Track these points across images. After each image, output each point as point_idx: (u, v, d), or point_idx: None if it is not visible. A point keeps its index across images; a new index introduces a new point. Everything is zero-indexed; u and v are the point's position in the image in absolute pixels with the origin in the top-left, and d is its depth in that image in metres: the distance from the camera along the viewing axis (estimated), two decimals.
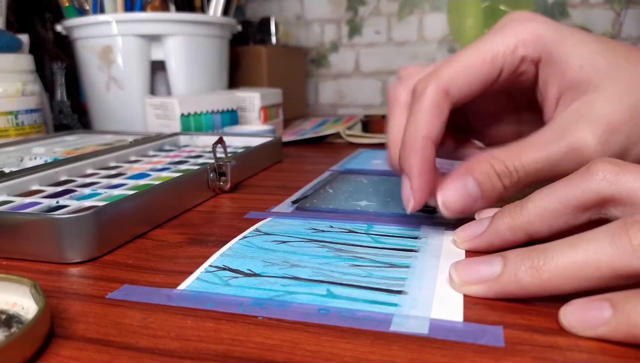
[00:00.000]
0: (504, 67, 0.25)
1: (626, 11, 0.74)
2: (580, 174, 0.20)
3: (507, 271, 0.19)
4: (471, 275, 0.19)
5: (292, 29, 1.02)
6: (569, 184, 0.20)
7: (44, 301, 0.17)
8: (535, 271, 0.18)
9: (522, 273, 0.18)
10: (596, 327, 0.16)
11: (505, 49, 0.25)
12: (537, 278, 0.18)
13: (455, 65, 0.25)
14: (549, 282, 0.18)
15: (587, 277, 0.17)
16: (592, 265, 0.17)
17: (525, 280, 0.18)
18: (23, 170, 0.33)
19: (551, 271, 0.18)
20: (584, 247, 0.17)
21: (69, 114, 0.72)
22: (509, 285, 0.18)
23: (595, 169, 0.19)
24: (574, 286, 0.17)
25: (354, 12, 0.99)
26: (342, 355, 0.16)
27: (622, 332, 0.16)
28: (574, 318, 0.17)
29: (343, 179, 0.40)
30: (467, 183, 0.24)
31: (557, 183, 0.21)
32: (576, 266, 0.17)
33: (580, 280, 0.17)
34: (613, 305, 0.16)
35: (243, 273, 0.22)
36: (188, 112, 0.55)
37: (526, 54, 0.25)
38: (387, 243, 0.25)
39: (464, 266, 0.20)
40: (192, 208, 0.33)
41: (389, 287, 0.20)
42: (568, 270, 0.17)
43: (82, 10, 0.64)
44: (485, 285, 0.19)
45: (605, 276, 0.17)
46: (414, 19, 0.96)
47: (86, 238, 0.24)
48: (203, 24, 0.63)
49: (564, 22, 0.87)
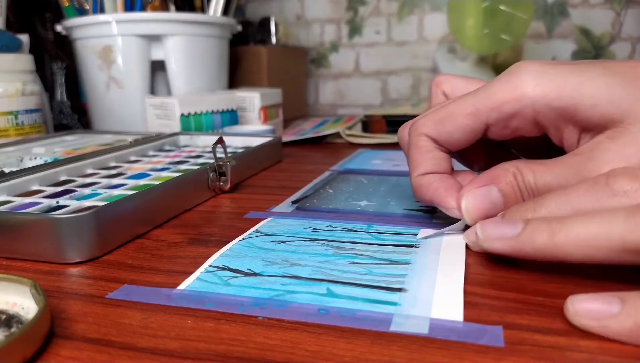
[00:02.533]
0: (489, 121, 0.25)
1: (626, 11, 0.74)
2: (600, 186, 0.20)
3: (525, 231, 0.20)
4: (494, 232, 0.21)
5: (292, 29, 1.02)
6: (587, 195, 0.20)
7: (44, 301, 0.17)
8: (550, 234, 0.19)
9: (538, 235, 0.19)
10: (603, 318, 0.16)
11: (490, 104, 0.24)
12: (551, 241, 0.19)
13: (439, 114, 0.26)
14: (562, 247, 0.19)
15: (598, 246, 0.18)
16: (604, 236, 0.18)
17: (539, 242, 0.19)
18: (23, 170, 0.33)
19: (565, 237, 0.19)
20: (599, 219, 0.18)
21: (69, 114, 0.72)
22: (525, 244, 0.20)
23: (614, 182, 0.19)
24: (585, 254, 0.18)
25: (354, 12, 0.99)
26: (342, 355, 0.16)
27: (628, 326, 0.16)
28: (582, 307, 0.17)
29: (343, 179, 0.40)
30: (491, 192, 0.24)
31: (576, 189, 0.20)
32: (590, 235, 0.18)
33: (591, 249, 0.18)
34: (623, 300, 0.16)
35: (243, 272, 0.22)
36: (188, 112, 0.55)
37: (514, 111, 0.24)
38: (386, 240, 0.25)
39: (490, 224, 0.22)
40: (192, 208, 0.33)
41: (389, 285, 0.20)
42: (581, 237, 0.18)
43: (82, 10, 0.64)
44: (504, 241, 0.21)
45: (615, 248, 0.18)
46: (414, 19, 0.96)
47: (86, 238, 0.24)
48: (203, 24, 0.63)
49: (564, 22, 0.87)
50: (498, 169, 0.24)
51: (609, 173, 0.20)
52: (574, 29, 0.88)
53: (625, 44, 0.86)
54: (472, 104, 0.25)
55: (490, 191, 0.24)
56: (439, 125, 0.26)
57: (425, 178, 0.26)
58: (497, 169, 0.25)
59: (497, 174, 0.24)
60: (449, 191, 0.25)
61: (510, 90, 0.24)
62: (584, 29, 0.87)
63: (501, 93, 0.24)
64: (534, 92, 0.23)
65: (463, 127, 0.25)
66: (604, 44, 0.87)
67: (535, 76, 0.23)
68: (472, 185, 0.25)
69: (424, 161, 0.26)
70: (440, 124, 0.26)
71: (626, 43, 0.86)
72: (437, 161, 0.26)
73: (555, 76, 0.23)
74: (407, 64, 0.98)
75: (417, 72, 0.97)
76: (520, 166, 0.24)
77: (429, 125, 0.26)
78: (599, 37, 0.87)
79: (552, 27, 0.88)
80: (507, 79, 0.24)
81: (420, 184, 0.26)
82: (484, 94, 0.25)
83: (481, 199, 0.24)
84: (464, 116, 0.25)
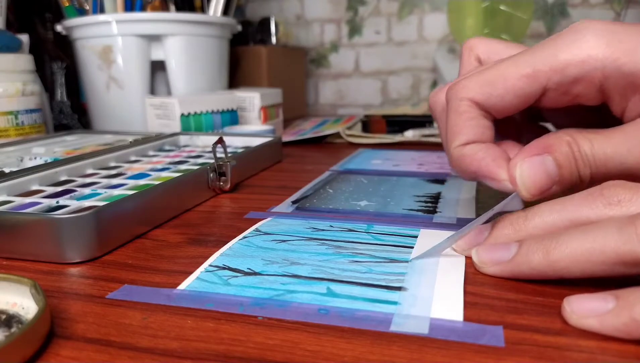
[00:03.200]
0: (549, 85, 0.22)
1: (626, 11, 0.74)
2: (594, 197, 0.19)
3: (520, 252, 0.20)
4: (489, 257, 0.21)
5: (292, 29, 1.02)
6: (582, 204, 0.20)
7: (44, 301, 0.17)
8: (545, 252, 0.19)
9: (533, 255, 0.19)
10: (598, 314, 0.17)
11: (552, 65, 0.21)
12: (546, 259, 0.19)
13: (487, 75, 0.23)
14: (557, 263, 0.19)
15: (594, 260, 0.18)
16: (599, 249, 0.18)
17: (535, 261, 0.19)
18: (23, 170, 0.33)
19: (560, 254, 0.19)
20: (594, 234, 0.18)
21: (69, 114, 0.72)
22: (521, 265, 0.20)
23: (609, 193, 0.19)
24: (581, 269, 0.18)
25: (354, 12, 0.99)
26: (342, 355, 0.16)
27: (623, 319, 0.16)
28: (578, 305, 0.17)
29: (343, 179, 0.40)
30: (546, 162, 0.21)
31: (570, 199, 0.20)
32: (584, 249, 0.18)
33: (587, 263, 0.18)
34: (617, 297, 0.17)
35: (243, 272, 0.22)
36: (188, 112, 0.55)
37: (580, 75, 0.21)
38: (386, 240, 0.25)
39: (484, 250, 0.21)
40: (192, 208, 0.33)
41: (389, 283, 0.20)
42: (576, 253, 0.18)
43: (82, 10, 0.64)
44: (501, 266, 0.20)
45: (610, 261, 0.18)
46: (414, 19, 0.96)
47: (86, 238, 0.24)
48: (203, 24, 0.63)
49: (564, 22, 0.87)
50: (551, 138, 0.22)
51: (603, 184, 0.20)
52: None
53: None
54: (530, 64, 0.22)
55: (545, 161, 0.21)
56: (487, 87, 0.22)
57: (467, 147, 0.23)
58: (548, 137, 0.22)
59: (550, 143, 0.21)
60: (497, 161, 0.22)
61: (576, 50, 0.21)
62: None
63: (565, 53, 0.21)
64: (604, 54, 0.20)
65: (516, 90, 0.22)
66: None
67: (605, 35, 0.21)
68: (523, 154, 0.22)
69: (466, 129, 0.23)
70: (489, 87, 0.22)
71: None
72: (481, 130, 0.23)
73: (626, 37, 0.20)
74: (407, 64, 0.98)
75: (417, 72, 0.97)
76: (575, 134, 0.21)
77: (474, 88, 0.23)
78: None
79: (552, 27, 0.88)
80: (573, 37, 0.21)
81: (462, 155, 0.23)
82: (544, 53, 0.21)
83: (537, 168, 0.21)
84: (519, 77, 0.22)
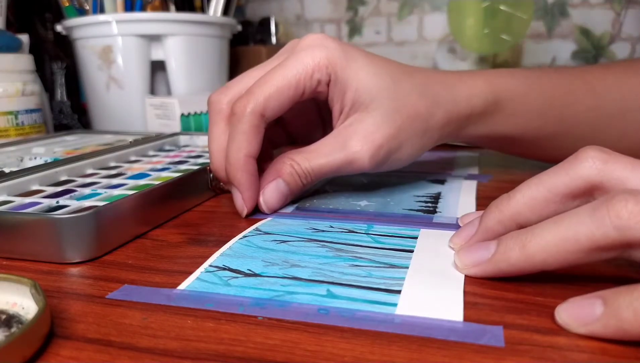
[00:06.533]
0: (305, 89, 0.29)
1: (626, 11, 0.74)
2: (569, 162, 0.20)
3: (499, 250, 0.20)
4: (470, 259, 0.21)
5: (292, 29, 1.02)
6: (557, 173, 0.20)
7: (44, 301, 0.17)
8: (522, 247, 0.19)
9: (510, 251, 0.19)
10: (588, 323, 0.16)
11: (305, 74, 0.29)
12: (523, 254, 0.19)
13: (268, 88, 0.28)
14: (534, 257, 0.19)
15: (568, 250, 0.18)
16: (573, 238, 0.18)
17: (513, 257, 0.19)
18: (23, 170, 0.33)
19: (536, 247, 0.19)
20: (566, 222, 0.18)
21: (69, 114, 0.72)
22: (500, 262, 0.20)
23: (584, 156, 0.20)
24: (557, 259, 0.18)
25: (354, 12, 0.99)
26: (342, 355, 0.16)
27: (612, 327, 0.16)
28: (567, 315, 0.17)
29: (343, 179, 0.40)
30: (279, 185, 0.30)
31: (546, 171, 0.21)
32: (558, 239, 0.18)
33: (562, 254, 0.18)
34: (604, 301, 0.16)
35: (243, 273, 0.22)
36: (188, 112, 0.55)
37: (320, 78, 0.29)
38: (386, 243, 0.25)
39: (465, 252, 0.22)
40: (192, 208, 0.33)
41: (389, 287, 0.20)
42: (551, 244, 0.18)
43: (82, 10, 0.64)
44: (482, 266, 0.21)
45: (585, 248, 0.17)
46: (414, 19, 0.96)
47: (86, 238, 0.24)
48: (203, 24, 0.63)
49: (564, 22, 0.87)
50: (279, 163, 0.30)
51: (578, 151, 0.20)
52: (574, 29, 0.88)
53: (625, 44, 0.86)
54: (293, 75, 0.29)
55: (278, 184, 0.30)
56: (268, 99, 0.29)
57: (250, 163, 0.29)
58: (277, 162, 0.30)
59: (278, 168, 0.30)
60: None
61: (317, 56, 0.29)
62: (584, 29, 0.87)
63: (310, 62, 0.29)
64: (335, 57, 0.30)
65: (290, 97, 0.29)
66: (604, 44, 0.87)
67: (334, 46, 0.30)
68: (264, 182, 0.30)
69: (252, 139, 0.29)
70: (269, 98, 0.28)
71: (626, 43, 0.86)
72: (259, 140, 0.29)
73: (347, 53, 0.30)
74: (407, 63, 0.98)
75: None
76: (295, 156, 0.30)
77: (260, 100, 0.28)
78: (599, 37, 0.87)
79: (552, 27, 0.88)
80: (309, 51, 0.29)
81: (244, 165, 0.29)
82: (297, 66, 0.29)
83: (274, 192, 0.30)
84: (289, 87, 0.29)
